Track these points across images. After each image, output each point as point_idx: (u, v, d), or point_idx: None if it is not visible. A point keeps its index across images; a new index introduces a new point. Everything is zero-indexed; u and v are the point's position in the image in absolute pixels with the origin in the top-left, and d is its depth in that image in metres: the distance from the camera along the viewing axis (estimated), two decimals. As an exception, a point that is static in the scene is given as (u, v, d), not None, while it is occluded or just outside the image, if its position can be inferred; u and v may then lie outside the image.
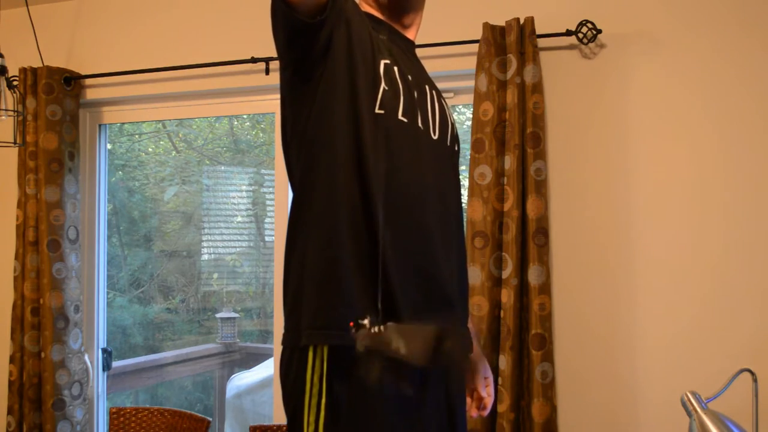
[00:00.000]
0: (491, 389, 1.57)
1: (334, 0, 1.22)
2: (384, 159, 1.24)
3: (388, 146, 1.26)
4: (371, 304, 1.20)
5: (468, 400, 1.56)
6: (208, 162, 5.19)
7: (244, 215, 5.12)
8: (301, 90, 1.28)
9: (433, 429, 1.30)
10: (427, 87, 1.40)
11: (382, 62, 1.29)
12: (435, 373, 1.29)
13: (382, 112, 1.26)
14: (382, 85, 1.27)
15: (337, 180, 1.24)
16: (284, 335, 1.26)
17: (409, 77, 1.34)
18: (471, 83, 2.34)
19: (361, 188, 1.23)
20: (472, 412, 1.55)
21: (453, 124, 1.46)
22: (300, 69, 1.27)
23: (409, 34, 1.46)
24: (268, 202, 4.95)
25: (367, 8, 1.41)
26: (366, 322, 1.07)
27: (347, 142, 1.25)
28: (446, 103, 1.47)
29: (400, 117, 1.29)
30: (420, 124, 1.33)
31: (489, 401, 1.56)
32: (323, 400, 1.17)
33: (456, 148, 1.47)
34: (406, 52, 1.42)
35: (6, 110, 2.45)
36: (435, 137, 1.37)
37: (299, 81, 1.28)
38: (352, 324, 1.06)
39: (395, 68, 1.31)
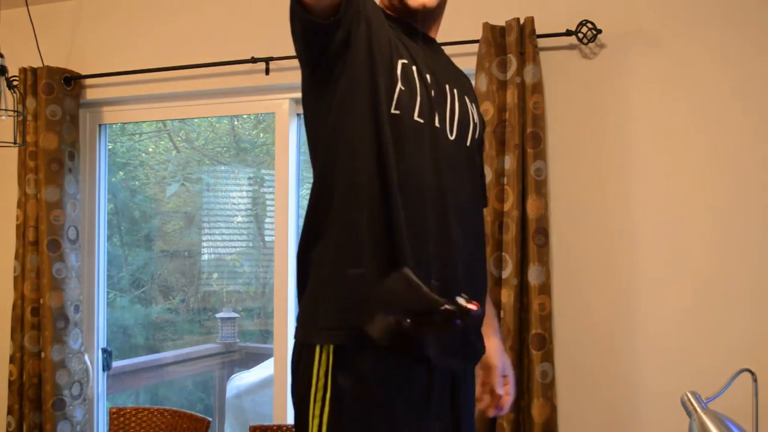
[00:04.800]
0: (510, 387, 1.53)
1: (349, 0, 1.22)
2: (403, 161, 1.24)
3: (404, 148, 1.25)
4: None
5: (486, 398, 1.52)
6: (208, 162, 5.19)
7: (244, 215, 5.11)
8: (320, 89, 1.30)
9: (436, 428, 1.30)
10: (447, 86, 1.38)
11: (400, 62, 1.29)
12: (441, 372, 1.29)
13: (398, 112, 1.26)
14: (399, 85, 1.27)
15: (357, 182, 1.24)
16: (297, 329, 1.30)
17: (428, 76, 1.33)
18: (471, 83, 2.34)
19: (382, 191, 1.23)
20: (489, 412, 1.51)
21: (476, 124, 1.43)
22: (317, 69, 1.28)
23: (431, 33, 1.47)
24: (268, 202, 4.95)
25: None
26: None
27: (368, 143, 1.24)
28: (470, 101, 1.45)
29: (416, 118, 1.29)
30: (437, 124, 1.33)
31: (507, 400, 1.52)
32: (328, 394, 1.21)
33: (480, 148, 1.46)
34: (426, 49, 1.40)
35: (6, 110, 2.45)
36: (452, 137, 1.35)
37: (317, 81, 1.30)
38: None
39: (413, 68, 1.31)
